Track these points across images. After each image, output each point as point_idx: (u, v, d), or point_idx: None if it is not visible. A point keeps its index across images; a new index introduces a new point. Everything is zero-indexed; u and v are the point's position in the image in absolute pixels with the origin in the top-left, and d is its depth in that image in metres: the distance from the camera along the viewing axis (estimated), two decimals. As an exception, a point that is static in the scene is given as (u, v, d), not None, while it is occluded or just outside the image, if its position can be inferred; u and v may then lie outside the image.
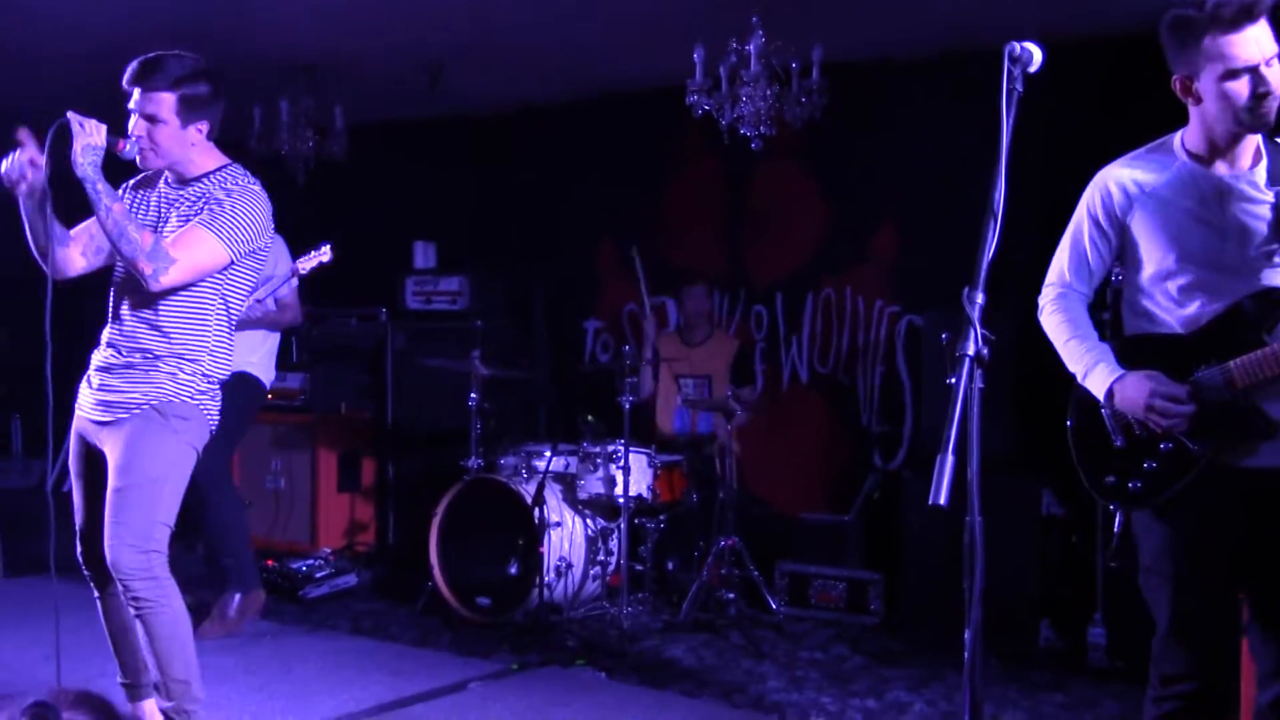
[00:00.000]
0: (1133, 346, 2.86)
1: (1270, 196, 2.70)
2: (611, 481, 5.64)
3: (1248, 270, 2.70)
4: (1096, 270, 2.93)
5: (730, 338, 6.62)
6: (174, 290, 3.38)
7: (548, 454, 5.87)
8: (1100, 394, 2.82)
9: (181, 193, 3.51)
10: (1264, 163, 2.73)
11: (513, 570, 5.57)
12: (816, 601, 5.85)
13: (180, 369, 3.43)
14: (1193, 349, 2.75)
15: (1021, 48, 2.28)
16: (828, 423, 6.68)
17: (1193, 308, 2.76)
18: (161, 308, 3.41)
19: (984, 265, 2.23)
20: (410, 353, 7.21)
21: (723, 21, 5.25)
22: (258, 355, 5.56)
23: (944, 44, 6.01)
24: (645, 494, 5.71)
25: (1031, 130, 2.56)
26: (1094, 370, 2.84)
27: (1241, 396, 2.69)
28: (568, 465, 5.93)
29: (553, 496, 5.70)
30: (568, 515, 5.73)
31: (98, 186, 3.25)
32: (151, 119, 3.40)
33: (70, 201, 3.45)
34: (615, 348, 7.32)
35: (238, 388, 4.65)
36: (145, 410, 3.41)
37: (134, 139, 3.40)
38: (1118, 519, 2.88)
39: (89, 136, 3.25)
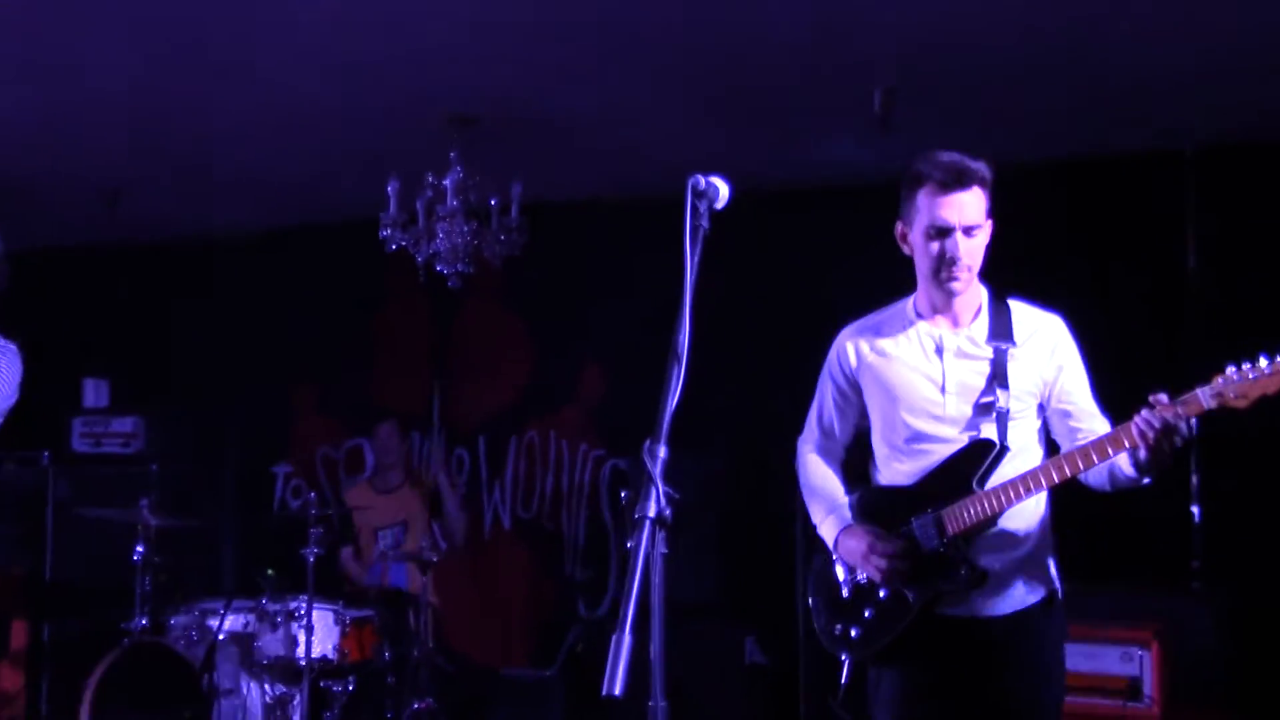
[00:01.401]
0: (866, 497, 2.93)
1: (988, 352, 2.76)
2: (293, 641, 5.16)
3: (966, 423, 2.76)
4: (840, 424, 3.02)
5: (421, 483, 6.24)
6: None
7: (221, 611, 5.33)
8: (830, 544, 2.91)
9: None
10: (984, 320, 2.80)
11: (179, 746, 4.98)
12: (517, 765, 5.51)
13: None
14: (913, 499, 2.80)
15: (707, 181, 2.17)
16: (531, 570, 6.43)
17: (917, 460, 2.82)
18: None
19: (668, 415, 2.07)
20: (75, 501, 6.54)
21: (420, 155, 5.08)
22: None
23: (653, 186, 6.03)
24: (331, 654, 5.25)
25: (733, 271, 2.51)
26: (825, 521, 2.93)
27: (951, 545, 2.72)
28: (245, 624, 5.40)
29: (226, 661, 5.16)
30: (243, 681, 5.19)
31: None
32: None
33: None
34: (307, 494, 6.86)
35: None
36: None
37: None
38: (845, 666, 2.89)
39: None
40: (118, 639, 5.28)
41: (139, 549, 5.41)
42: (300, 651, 5.08)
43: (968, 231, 2.69)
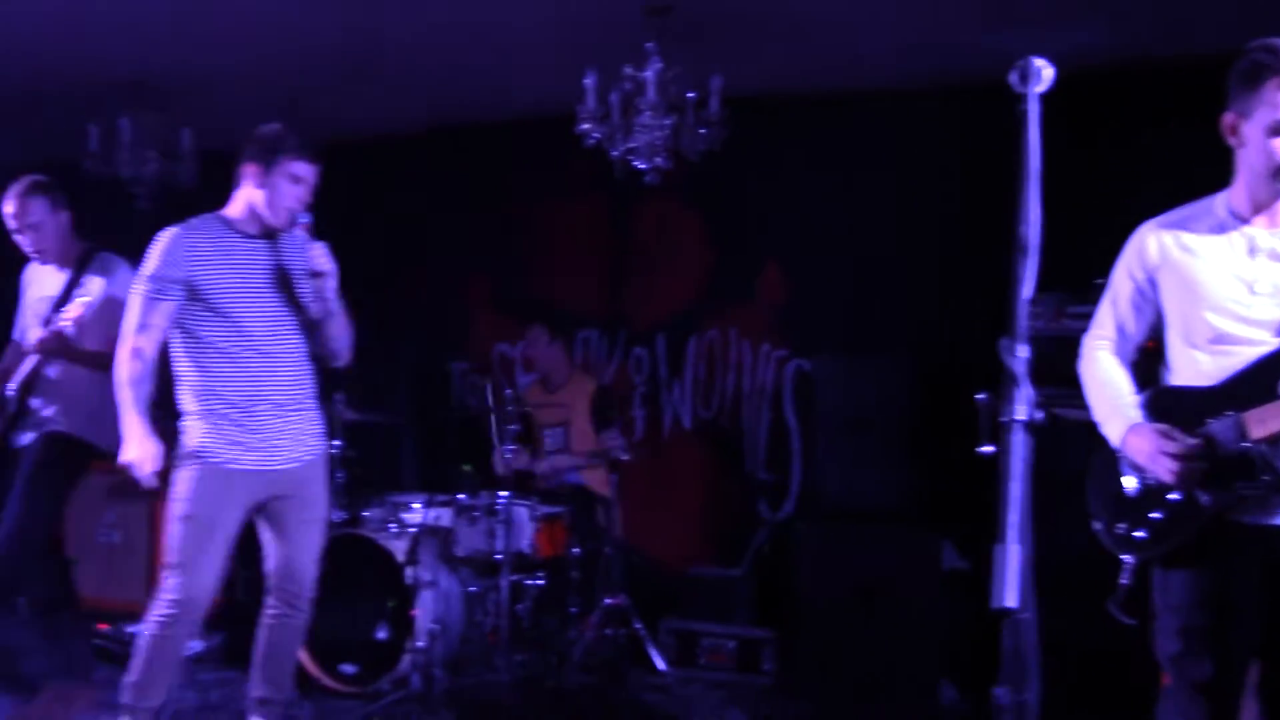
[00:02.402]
0: (1159, 398, 2.83)
1: None
2: (491, 535, 5.23)
3: (1276, 327, 2.65)
4: (1134, 323, 2.92)
5: (588, 378, 6.20)
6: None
7: (417, 506, 5.42)
8: (1115, 442, 2.81)
9: (277, 245, 3.87)
10: None
11: (381, 635, 5.09)
12: (706, 661, 5.53)
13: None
14: (1213, 401, 2.68)
15: (1035, 64, 2.04)
16: (712, 471, 6.39)
17: (1219, 361, 2.71)
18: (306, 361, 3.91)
19: (1023, 311, 1.94)
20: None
21: (616, 48, 4.95)
22: None
23: (844, 82, 5.84)
24: (525, 549, 5.32)
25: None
26: (1111, 419, 2.84)
27: (1255, 448, 2.60)
28: (438, 518, 5.48)
29: (426, 553, 5.24)
30: (442, 573, 5.28)
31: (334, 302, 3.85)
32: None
33: None
34: (488, 389, 6.91)
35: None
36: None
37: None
38: (1127, 568, 2.81)
39: (328, 267, 3.81)
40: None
41: (336, 443, 5.50)
42: (500, 544, 5.15)
43: None
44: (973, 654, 5.10)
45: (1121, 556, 2.81)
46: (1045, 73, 2.07)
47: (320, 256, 3.75)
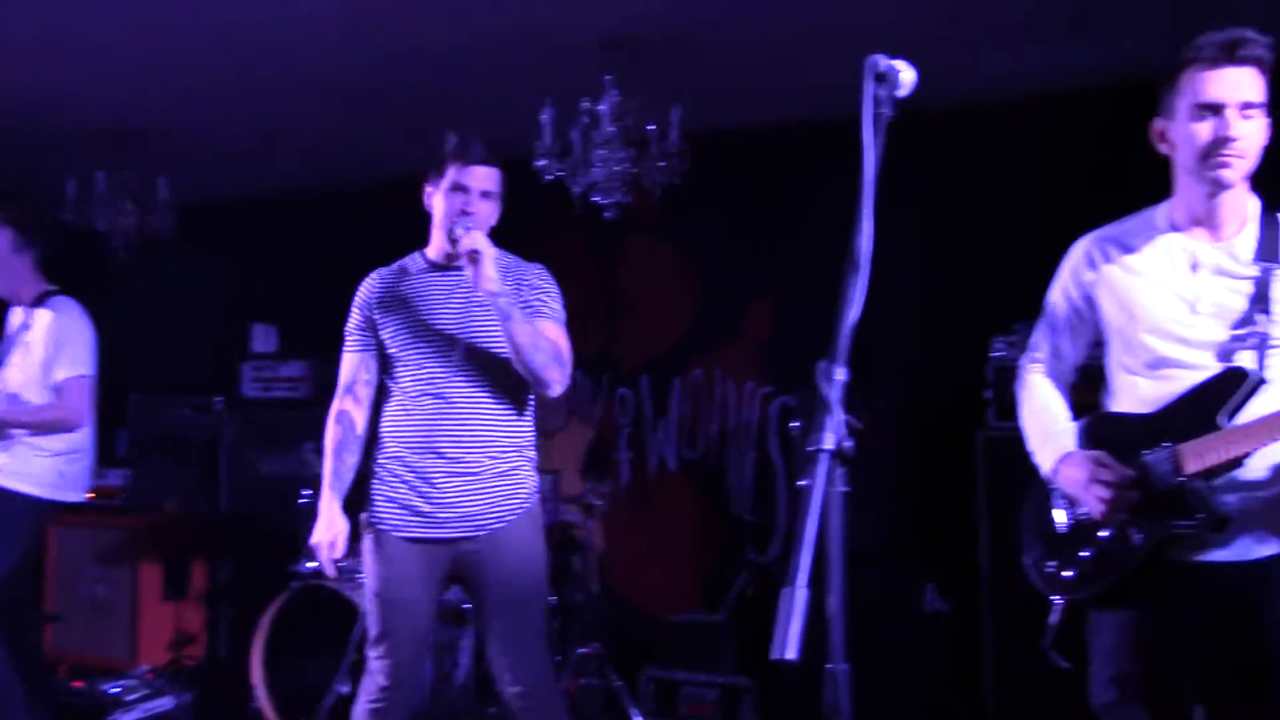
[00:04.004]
0: (1096, 426, 2.65)
1: (1252, 271, 2.43)
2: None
3: (1219, 348, 2.45)
4: (1071, 344, 2.76)
5: (584, 426, 6.10)
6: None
7: (388, 555, 5.28)
8: (1046, 472, 2.65)
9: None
10: (1251, 234, 2.47)
11: (343, 689, 4.94)
12: (687, 712, 5.32)
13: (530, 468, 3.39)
14: (1150, 430, 2.50)
15: (887, 64, 1.89)
16: (697, 513, 6.22)
17: (1159, 386, 2.52)
18: (499, 408, 3.30)
19: (846, 332, 1.80)
20: (247, 444, 6.62)
21: (573, 82, 4.86)
22: None
23: (818, 111, 5.71)
24: (497, 597, 5.16)
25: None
26: (1043, 448, 2.66)
27: (1190, 483, 2.41)
28: (410, 567, 5.34)
29: (392, 603, 5.09)
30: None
31: (503, 299, 3.15)
32: (487, 195, 3.37)
33: None
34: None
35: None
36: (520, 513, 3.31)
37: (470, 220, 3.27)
38: (1057, 607, 2.64)
39: (484, 247, 3.13)
40: (285, 582, 5.30)
41: (304, 492, 5.41)
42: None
43: (1243, 109, 2.36)
44: (954, 696, 4.92)
45: (1050, 596, 2.65)
46: (905, 76, 1.93)
47: (466, 235, 3.15)
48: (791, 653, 1.59)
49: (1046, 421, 2.71)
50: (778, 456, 6.02)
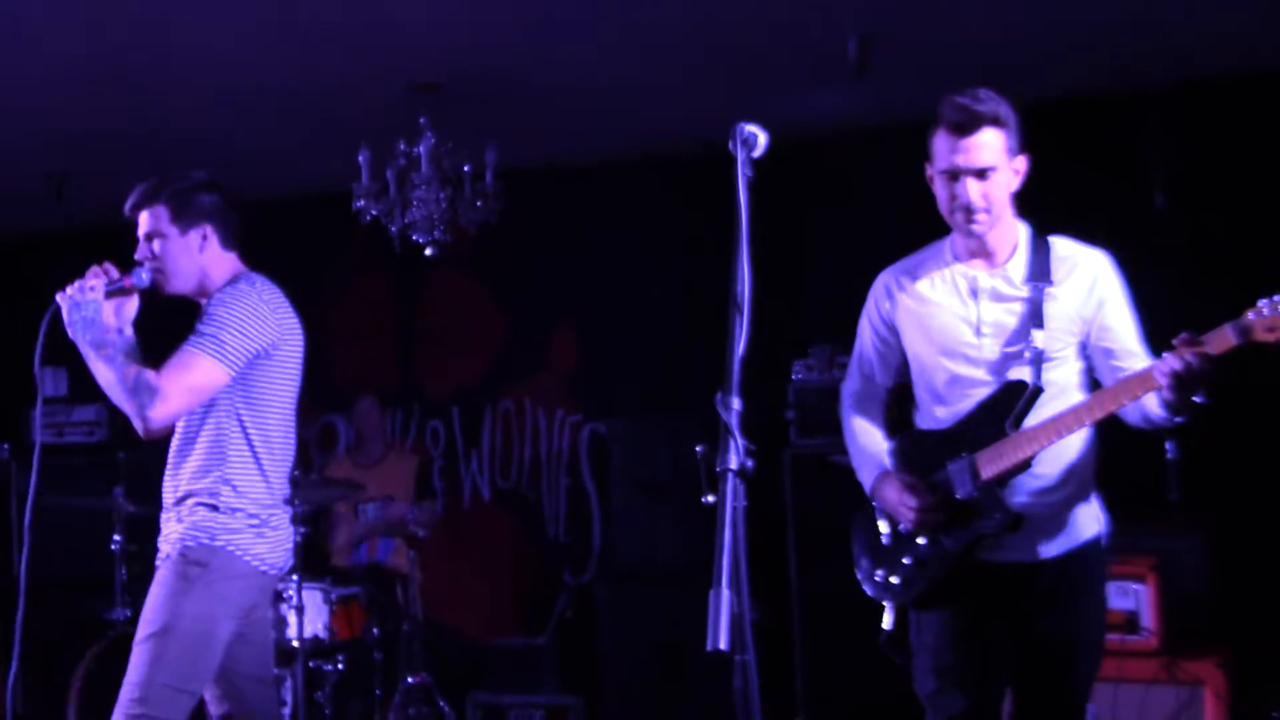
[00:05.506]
0: (904, 443, 2.92)
1: (1024, 292, 2.72)
2: (283, 622, 5.09)
3: (999, 366, 2.74)
4: (880, 370, 2.99)
5: (409, 453, 6.21)
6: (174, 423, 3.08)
7: (207, 597, 5.23)
8: (867, 491, 2.91)
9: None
10: (1022, 258, 2.76)
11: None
12: (514, 733, 5.48)
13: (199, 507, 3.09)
14: (949, 442, 2.79)
15: (748, 131, 2.13)
16: (514, 539, 6.38)
17: (955, 404, 2.80)
18: (183, 444, 3.15)
19: (736, 365, 2.03)
20: (42, 492, 6.38)
21: (389, 124, 4.97)
22: None
23: (616, 150, 5.98)
24: (321, 633, 5.19)
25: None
26: (863, 468, 2.93)
27: (985, 489, 2.70)
28: (230, 608, 5.30)
29: (215, 645, 5.05)
30: (234, 665, 5.10)
31: (84, 338, 3.03)
32: (150, 236, 3.18)
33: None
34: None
35: None
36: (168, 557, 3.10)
37: (143, 264, 3.17)
38: (889, 611, 2.90)
39: (76, 294, 3.04)
40: (101, 630, 5.18)
41: (116, 538, 5.30)
42: (291, 632, 5.01)
43: (981, 175, 2.64)
44: (769, 702, 5.22)
45: (882, 602, 2.91)
46: (759, 139, 2.16)
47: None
48: (723, 643, 1.82)
49: (863, 444, 2.97)
50: (590, 482, 6.24)
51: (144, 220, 3.22)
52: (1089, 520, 2.79)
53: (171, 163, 5.97)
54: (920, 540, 2.80)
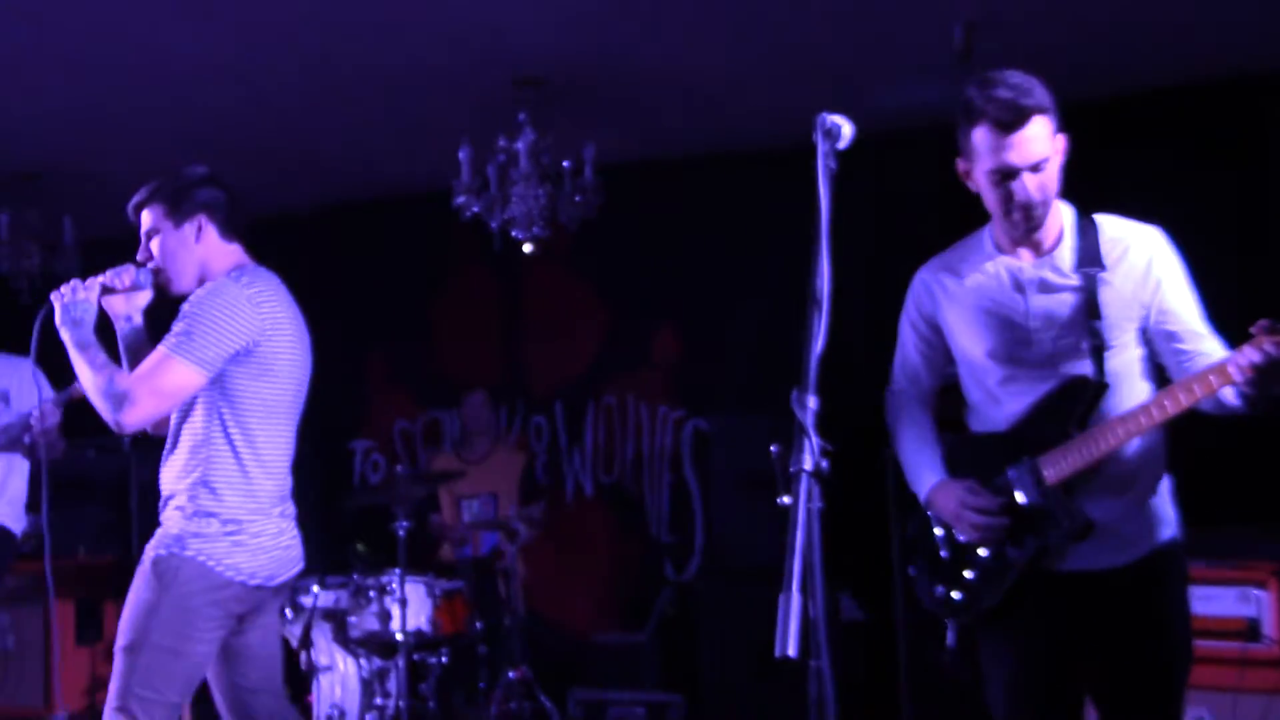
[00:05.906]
0: (959, 447, 2.74)
1: (1074, 280, 2.54)
2: (387, 616, 5.15)
3: (1056, 360, 2.56)
4: (925, 369, 2.80)
5: (516, 451, 6.24)
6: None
7: (314, 589, 5.33)
8: (922, 501, 2.72)
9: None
10: (1069, 244, 2.57)
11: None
12: (615, 730, 5.47)
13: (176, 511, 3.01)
14: (1009, 446, 2.60)
15: (831, 121, 2.05)
16: (616, 536, 6.38)
17: (1008, 403, 2.62)
18: (170, 444, 3.08)
19: (814, 364, 1.95)
20: (156, 485, 6.57)
21: (489, 120, 5.00)
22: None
23: (717, 145, 5.93)
24: (425, 627, 5.24)
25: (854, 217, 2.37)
26: (918, 478, 2.72)
27: (1051, 495, 2.52)
28: (337, 600, 5.39)
29: (321, 637, 5.15)
30: (339, 657, 5.18)
31: (69, 338, 3.04)
32: (150, 234, 3.16)
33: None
34: (387, 468, 6.86)
35: None
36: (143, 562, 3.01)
37: (144, 263, 3.16)
38: (950, 630, 2.71)
39: (70, 295, 3.07)
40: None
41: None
42: (395, 625, 5.07)
43: (1035, 168, 2.45)
44: (872, 706, 5.13)
45: (943, 620, 2.72)
46: (844, 130, 2.09)
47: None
48: (792, 649, 1.73)
49: (916, 450, 2.75)
50: (692, 479, 6.20)
51: (144, 220, 3.20)
52: (1163, 521, 2.59)
53: (279, 163, 6.18)
54: (982, 552, 2.62)
